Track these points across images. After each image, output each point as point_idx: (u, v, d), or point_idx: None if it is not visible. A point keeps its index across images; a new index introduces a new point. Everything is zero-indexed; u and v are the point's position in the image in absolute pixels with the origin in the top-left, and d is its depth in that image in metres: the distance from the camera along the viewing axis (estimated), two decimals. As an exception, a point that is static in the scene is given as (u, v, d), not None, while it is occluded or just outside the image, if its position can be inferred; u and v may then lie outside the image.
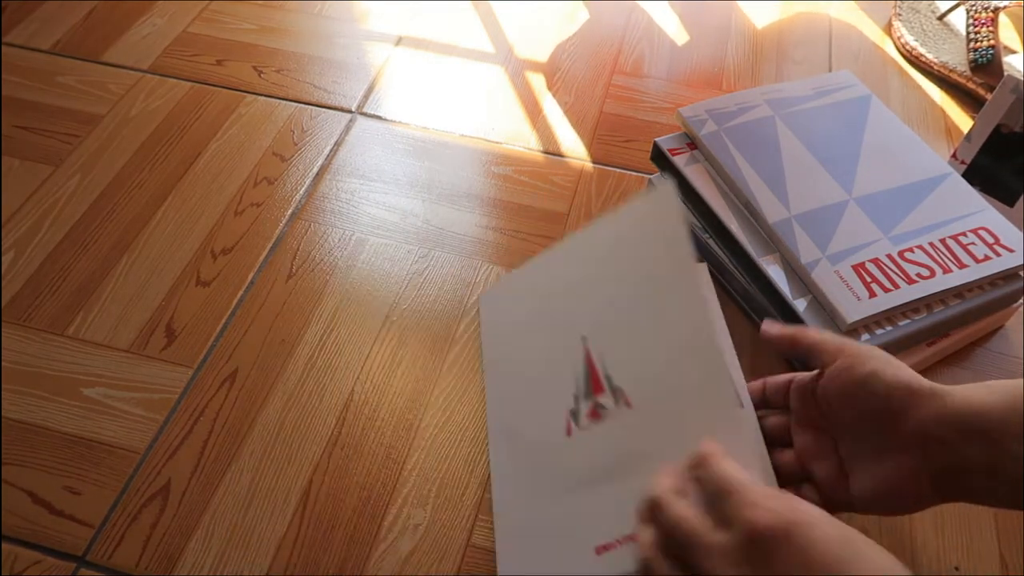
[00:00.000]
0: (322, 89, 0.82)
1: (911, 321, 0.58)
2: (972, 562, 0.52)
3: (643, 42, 0.90)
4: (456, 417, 0.58)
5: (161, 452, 0.55)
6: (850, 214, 0.61)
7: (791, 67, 0.88)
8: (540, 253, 0.61)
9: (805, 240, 0.59)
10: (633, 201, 0.55)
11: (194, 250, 0.67)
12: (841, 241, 0.59)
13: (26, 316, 0.62)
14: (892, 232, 0.60)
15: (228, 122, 0.78)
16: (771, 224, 0.60)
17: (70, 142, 0.75)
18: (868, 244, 0.59)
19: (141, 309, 0.63)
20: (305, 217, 0.70)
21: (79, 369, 0.59)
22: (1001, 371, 0.62)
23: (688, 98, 0.84)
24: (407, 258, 0.68)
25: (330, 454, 0.56)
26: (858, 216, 0.61)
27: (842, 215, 0.61)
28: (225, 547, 0.51)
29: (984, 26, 0.85)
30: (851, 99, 0.70)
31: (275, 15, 0.90)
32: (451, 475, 0.55)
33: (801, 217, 0.61)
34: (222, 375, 0.59)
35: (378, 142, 0.77)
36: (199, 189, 0.72)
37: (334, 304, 0.64)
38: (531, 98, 0.83)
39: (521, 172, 0.75)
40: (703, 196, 0.64)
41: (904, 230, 0.60)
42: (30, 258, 0.66)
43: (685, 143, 0.68)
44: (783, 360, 0.62)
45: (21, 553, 0.51)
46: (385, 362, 0.61)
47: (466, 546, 0.52)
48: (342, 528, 0.52)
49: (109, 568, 0.50)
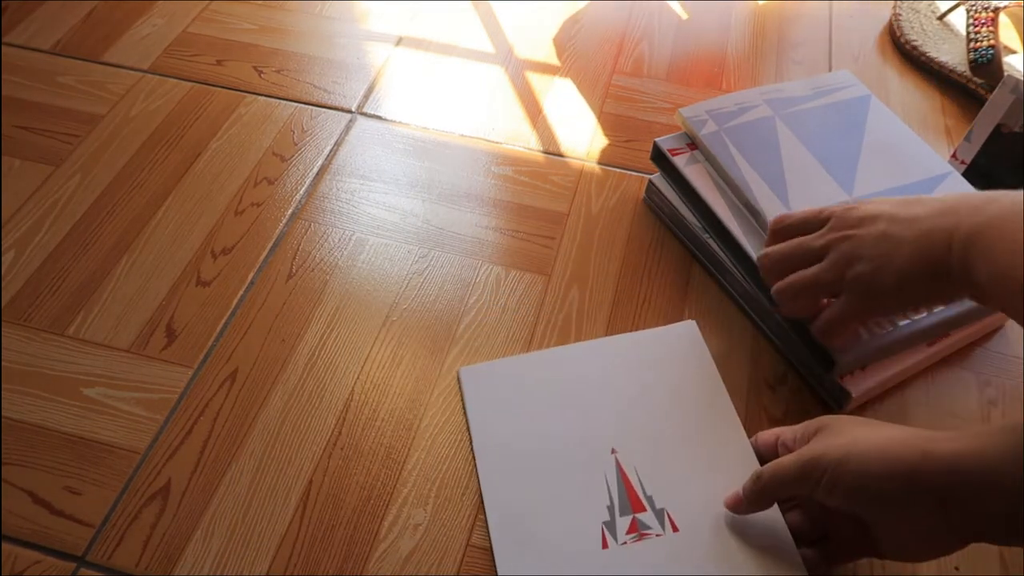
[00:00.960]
0: (322, 89, 0.82)
1: (911, 321, 0.58)
2: (972, 562, 0.52)
3: (643, 42, 0.90)
4: (456, 417, 0.58)
5: (161, 452, 0.55)
6: None
7: (791, 67, 0.88)
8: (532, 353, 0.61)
9: None
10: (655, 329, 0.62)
11: (194, 250, 0.67)
12: None
13: (26, 316, 0.62)
14: None
15: (228, 122, 0.78)
16: None
17: (70, 142, 0.75)
18: None
19: (141, 309, 0.63)
20: (305, 217, 0.70)
21: (79, 369, 0.59)
22: (1001, 371, 0.62)
23: (688, 98, 0.84)
24: (407, 258, 0.68)
25: (330, 454, 0.56)
26: None
27: None
28: (225, 547, 0.51)
29: (984, 26, 0.85)
30: (851, 99, 0.70)
31: (275, 15, 0.90)
32: (451, 475, 0.55)
33: None
34: (222, 375, 0.59)
35: (378, 142, 0.77)
36: (199, 189, 0.72)
37: (334, 304, 0.64)
38: (531, 98, 0.83)
39: (521, 172, 0.75)
40: (703, 196, 0.64)
41: None
42: (30, 258, 0.66)
43: (685, 143, 0.68)
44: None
45: (21, 553, 0.51)
46: (385, 362, 0.61)
47: (466, 546, 0.52)
48: (342, 528, 0.52)
49: (109, 568, 0.50)
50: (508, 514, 0.52)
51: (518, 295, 0.65)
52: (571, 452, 0.54)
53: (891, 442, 0.43)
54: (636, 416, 0.56)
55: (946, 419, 0.59)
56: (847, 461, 0.43)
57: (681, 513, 0.51)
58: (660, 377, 0.59)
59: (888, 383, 0.60)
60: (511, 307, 0.65)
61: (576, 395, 0.57)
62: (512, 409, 0.57)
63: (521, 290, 0.66)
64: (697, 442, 0.55)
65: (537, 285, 0.66)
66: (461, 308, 0.64)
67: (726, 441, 0.55)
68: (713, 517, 0.51)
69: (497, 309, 0.64)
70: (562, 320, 0.64)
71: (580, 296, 0.66)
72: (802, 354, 0.59)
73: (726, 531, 0.50)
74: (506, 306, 0.65)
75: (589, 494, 0.52)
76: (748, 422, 0.58)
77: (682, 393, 0.58)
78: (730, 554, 0.49)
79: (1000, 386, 0.61)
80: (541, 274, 0.67)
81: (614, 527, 0.51)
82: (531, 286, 0.66)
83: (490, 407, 0.57)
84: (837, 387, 0.58)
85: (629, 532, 0.50)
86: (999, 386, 0.61)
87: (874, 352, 0.57)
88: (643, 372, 0.59)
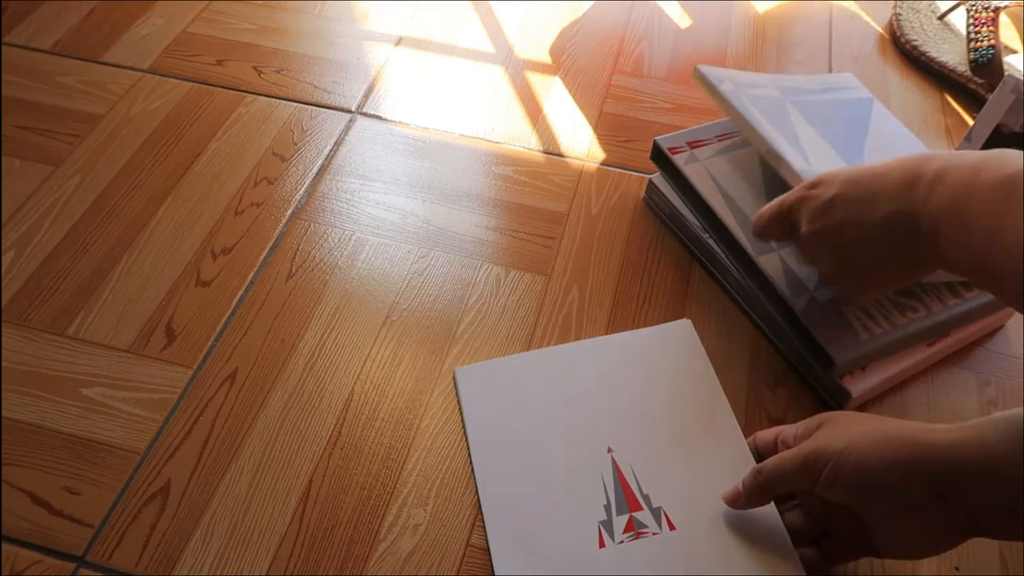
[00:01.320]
0: (322, 89, 0.82)
1: (911, 321, 0.58)
2: (972, 562, 0.52)
3: (643, 42, 0.90)
4: (456, 417, 0.58)
5: (161, 452, 0.55)
6: None
7: (791, 67, 0.88)
8: (528, 353, 0.61)
9: None
10: (650, 328, 0.61)
11: (194, 250, 0.67)
12: None
13: (26, 316, 0.62)
14: None
15: (228, 122, 0.78)
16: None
17: (70, 142, 0.75)
18: None
19: (141, 309, 0.63)
20: (305, 217, 0.70)
21: (79, 369, 0.59)
22: (1001, 371, 0.62)
23: (688, 98, 0.84)
24: (407, 258, 0.68)
25: (330, 454, 0.56)
26: None
27: None
28: (225, 547, 0.51)
29: (984, 26, 0.85)
30: (854, 100, 0.70)
31: (275, 15, 0.90)
32: (451, 475, 0.55)
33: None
34: (222, 375, 0.59)
35: (378, 142, 0.77)
36: (199, 189, 0.72)
37: (334, 304, 0.64)
38: (531, 98, 0.83)
39: (521, 172, 0.75)
40: (703, 196, 0.64)
41: None
42: (30, 258, 0.66)
43: (685, 142, 0.68)
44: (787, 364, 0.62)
45: (21, 553, 0.50)
46: (385, 362, 0.61)
47: (466, 546, 0.52)
48: (342, 528, 0.52)
49: (109, 568, 0.50)
50: (505, 514, 0.52)
51: (518, 295, 0.65)
52: (567, 451, 0.54)
53: (891, 434, 0.43)
54: (631, 415, 0.56)
55: (946, 419, 0.59)
56: (848, 453, 0.43)
57: (678, 511, 0.51)
58: (655, 375, 0.59)
59: (888, 383, 0.60)
60: (511, 307, 0.65)
61: (571, 394, 0.57)
62: (508, 409, 0.57)
63: (521, 290, 0.66)
64: (693, 440, 0.55)
65: (537, 285, 0.66)
66: (461, 308, 0.64)
67: (722, 439, 0.55)
68: (710, 515, 0.51)
69: (497, 309, 0.64)
70: (562, 320, 0.64)
71: (580, 296, 0.66)
72: (801, 354, 0.59)
73: (724, 529, 0.50)
74: (506, 306, 0.65)
75: (586, 493, 0.52)
76: (748, 422, 0.58)
77: (677, 391, 0.58)
78: (728, 552, 0.49)
79: (1000, 386, 0.61)
80: (541, 274, 0.67)
81: (611, 526, 0.51)
82: (531, 286, 0.66)
83: (486, 408, 0.57)
84: (837, 387, 0.58)
85: (626, 531, 0.50)
86: (999, 386, 0.61)
87: (874, 352, 0.57)
88: (638, 371, 0.59)
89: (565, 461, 0.54)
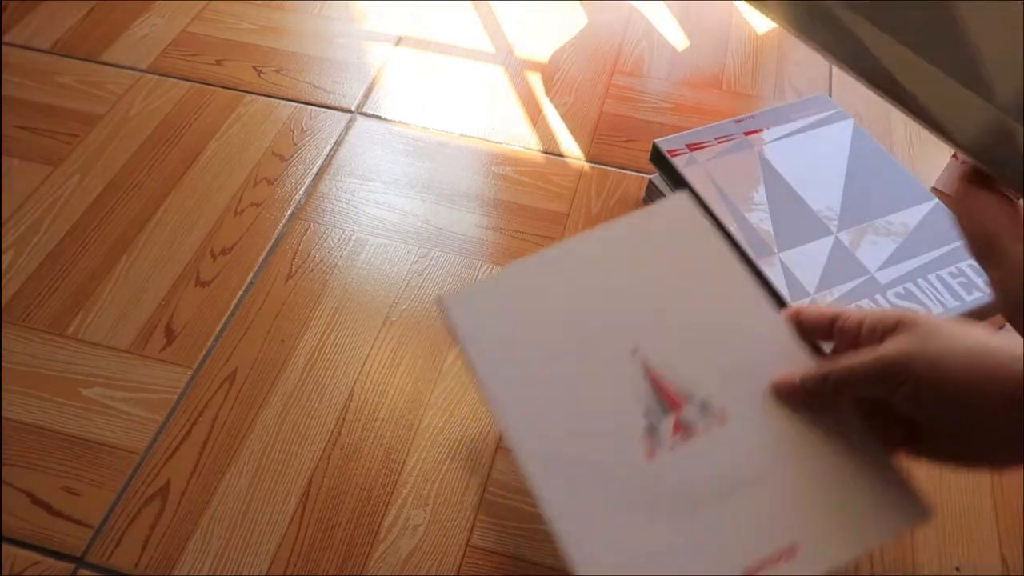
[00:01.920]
0: (322, 89, 0.82)
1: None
2: (973, 562, 0.52)
3: (643, 42, 0.90)
4: (456, 418, 0.58)
5: (160, 452, 0.55)
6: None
7: (791, 67, 0.88)
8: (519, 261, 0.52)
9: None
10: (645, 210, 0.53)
11: (194, 250, 0.67)
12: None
13: (26, 316, 0.62)
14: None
15: (228, 122, 0.78)
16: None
17: (70, 142, 0.75)
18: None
19: (141, 309, 0.63)
20: (305, 217, 0.70)
21: (78, 369, 0.59)
22: (1001, 371, 0.62)
23: (688, 98, 0.84)
24: (407, 258, 0.68)
25: (330, 454, 0.56)
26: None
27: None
28: (225, 547, 0.51)
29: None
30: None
31: (275, 15, 0.90)
32: (451, 475, 0.55)
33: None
34: (222, 375, 0.59)
35: (378, 142, 0.77)
36: (199, 189, 0.72)
37: (334, 304, 0.64)
38: (531, 98, 0.83)
39: (521, 172, 0.75)
40: (702, 196, 0.64)
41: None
42: (30, 258, 0.66)
43: (684, 144, 0.68)
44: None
45: (20, 554, 0.50)
46: (385, 362, 0.61)
47: (466, 546, 0.52)
48: (342, 528, 0.52)
49: (108, 569, 0.50)
50: (539, 450, 0.44)
51: (518, 295, 0.65)
52: (588, 363, 0.47)
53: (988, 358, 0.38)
54: (647, 307, 0.49)
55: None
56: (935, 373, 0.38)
57: (727, 402, 0.45)
58: (662, 260, 0.52)
59: (888, 383, 0.60)
60: (511, 307, 0.65)
61: (578, 300, 0.50)
62: (512, 331, 0.49)
63: (521, 290, 0.66)
64: (720, 320, 0.49)
65: (537, 285, 0.66)
66: (461, 308, 0.64)
67: (751, 314, 0.49)
68: (762, 397, 0.45)
69: (497, 309, 0.64)
70: (562, 320, 0.64)
71: (580, 296, 0.66)
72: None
73: (779, 410, 0.45)
74: (506, 306, 0.65)
75: (620, 404, 0.46)
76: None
77: (690, 272, 0.51)
78: (793, 435, 0.44)
79: (1000, 386, 0.61)
80: (541, 274, 0.67)
81: (657, 432, 0.44)
82: (531, 286, 0.66)
83: (490, 334, 0.49)
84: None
85: (674, 433, 0.44)
86: (999, 386, 0.61)
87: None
88: (643, 259, 0.52)
89: (588, 374, 0.47)
